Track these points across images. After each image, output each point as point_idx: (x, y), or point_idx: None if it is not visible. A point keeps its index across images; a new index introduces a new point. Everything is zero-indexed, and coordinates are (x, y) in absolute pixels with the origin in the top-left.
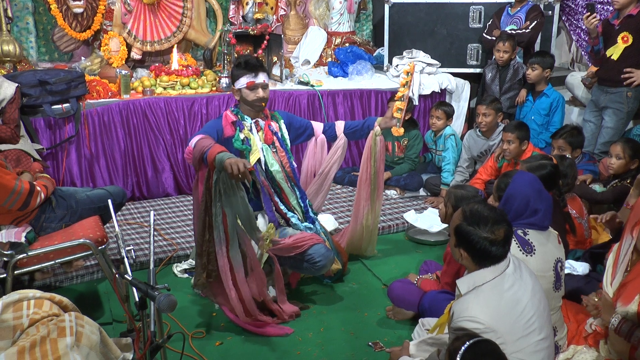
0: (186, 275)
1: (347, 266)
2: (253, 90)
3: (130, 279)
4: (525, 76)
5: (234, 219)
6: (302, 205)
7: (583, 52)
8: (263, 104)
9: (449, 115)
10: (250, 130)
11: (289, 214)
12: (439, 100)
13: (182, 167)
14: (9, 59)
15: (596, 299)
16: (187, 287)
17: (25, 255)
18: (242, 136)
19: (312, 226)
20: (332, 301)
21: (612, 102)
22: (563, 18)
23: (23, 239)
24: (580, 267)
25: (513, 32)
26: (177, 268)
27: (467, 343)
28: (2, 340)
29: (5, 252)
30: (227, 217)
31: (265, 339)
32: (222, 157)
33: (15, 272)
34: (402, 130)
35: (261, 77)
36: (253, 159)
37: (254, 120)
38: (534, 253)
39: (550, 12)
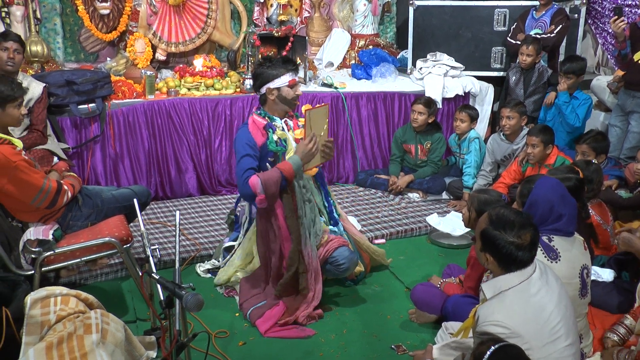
0: (209, 275)
1: (369, 268)
2: (293, 87)
3: (157, 277)
4: (552, 81)
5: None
6: (327, 205)
7: (609, 56)
8: (297, 102)
9: (473, 118)
10: (283, 130)
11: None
12: (462, 103)
13: (205, 168)
14: (37, 59)
15: None
16: (210, 287)
17: (52, 252)
18: (275, 138)
19: (336, 229)
20: (354, 303)
21: (638, 106)
22: (589, 21)
23: (50, 237)
24: (605, 274)
25: (538, 36)
26: (200, 268)
27: (493, 347)
28: (31, 336)
29: (33, 249)
30: (309, 210)
31: (287, 340)
32: (296, 162)
33: (43, 269)
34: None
35: (298, 74)
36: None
37: (283, 120)
38: (559, 260)
39: (576, 15)
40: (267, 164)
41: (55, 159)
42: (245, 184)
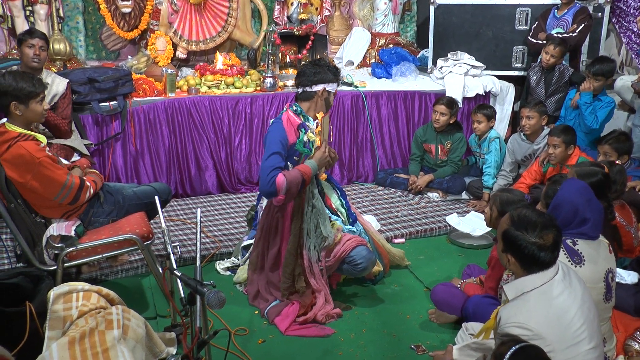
0: (229, 273)
1: (388, 267)
2: (334, 94)
3: (179, 274)
4: (574, 80)
5: (316, 215)
6: (344, 202)
7: (633, 55)
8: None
9: (490, 117)
10: (312, 132)
11: (333, 217)
12: (482, 102)
13: (225, 166)
14: (59, 57)
15: None
16: (230, 284)
17: (74, 248)
18: (305, 139)
19: (354, 228)
20: (374, 303)
21: None
22: (613, 20)
23: (73, 233)
24: (628, 277)
25: (559, 35)
26: (220, 266)
27: (513, 348)
28: (53, 330)
29: (56, 245)
30: (312, 215)
31: (306, 339)
32: (315, 167)
33: (65, 264)
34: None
35: None
36: None
37: (315, 122)
38: (584, 264)
39: (600, 14)
40: (290, 163)
41: (76, 155)
42: (271, 183)
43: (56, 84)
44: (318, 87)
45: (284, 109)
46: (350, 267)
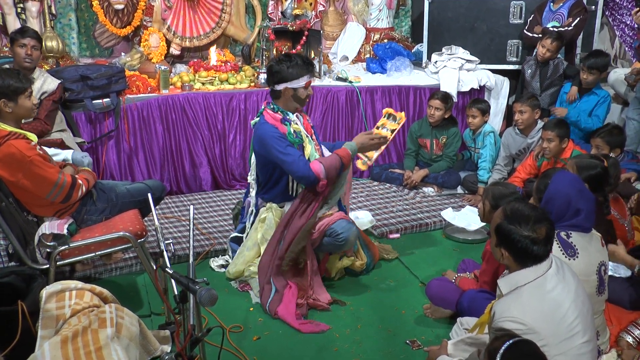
0: (223, 270)
1: (378, 258)
2: (307, 88)
3: (171, 272)
4: (568, 73)
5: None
6: None
7: (627, 48)
8: (308, 99)
9: (484, 111)
10: (297, 123)
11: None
12: (477, 97)
13: (220, 163)
14: (52, 54)
15: None
16: (224, 281)
17: (67, 246)
18: (292, 130)
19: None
20: (369, 298)
21: None
22: (606, 13)
23: (65, 231)
24: (622, 269)
25: (555, 29)
26: (214, 263)
27: (507, 343)
28: (46, 329)
29: (48, 244)
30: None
31: (302, 335)
32: (353, 149)
33: (58, 263)
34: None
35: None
36: (308, 150)
37: (295, 115)
38: (577, 256)
39: (593, 7)
40: None
41: None
42: (308, 169)
43: (47, 83)
44: (280, 87)
45: (262, 107)
46: (331, 239)
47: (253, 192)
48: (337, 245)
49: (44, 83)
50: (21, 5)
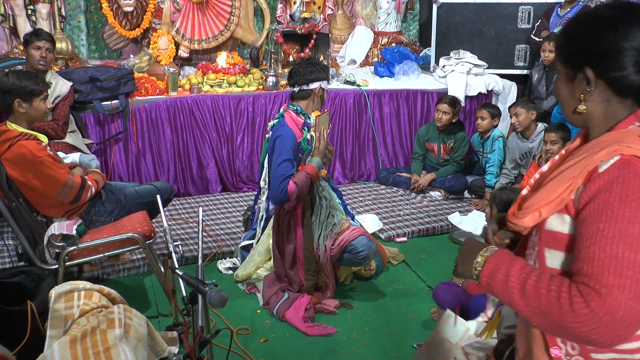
0: (230, 272)
1: (386, 261)
2: (325, 92)
3: (181, 274)
4: None
5: (329, 205)
6: (341, 202)
7: None
8: None
9: (494, 115)
10: (311, 129)
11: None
12: (485, 101)
13: (227, 165)
14: (61, 56)
15: None
16: (232, 283)
17: (76, 247)
18: (308, 137)
19: (355, 223)
20: (376, 302)
21: None
22: None
23: (74, 232)
24: None
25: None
26: (222, 265)
27: (512, 346)
28: (55, 329)
29: (57, 244)
30: (325, 206)
31: (309, 338)
32: (317, 164)
33: (66, 263)
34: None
35: None
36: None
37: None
38: None
39: None
40: (295, 161)
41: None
42: (284, 192)
43: (60, 86)
44: (314, 85)
45: (283, 109)
46: (351, 255)
47: (264, 197)
48: (356, 262)
49: (57, 86)
50: (31, 7)
